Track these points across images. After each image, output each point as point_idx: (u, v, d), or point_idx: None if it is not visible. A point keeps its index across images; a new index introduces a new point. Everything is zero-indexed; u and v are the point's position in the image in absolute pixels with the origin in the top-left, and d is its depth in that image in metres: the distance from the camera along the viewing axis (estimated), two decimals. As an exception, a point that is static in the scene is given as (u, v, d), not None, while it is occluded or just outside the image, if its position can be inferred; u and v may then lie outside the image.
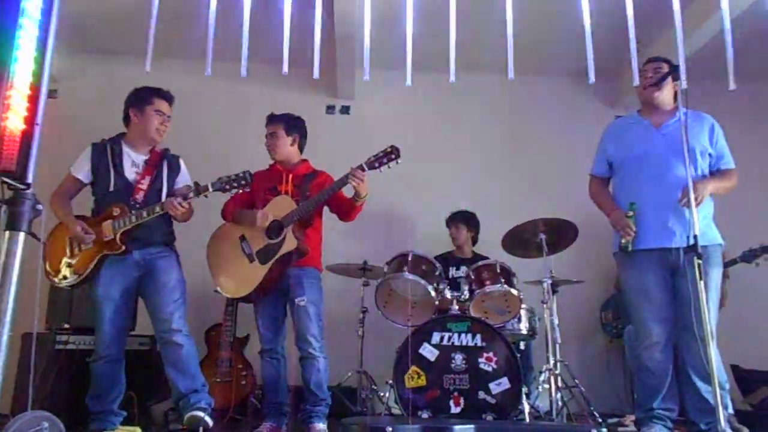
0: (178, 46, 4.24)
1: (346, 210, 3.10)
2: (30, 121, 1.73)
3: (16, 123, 1.71)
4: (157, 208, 2.82)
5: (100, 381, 2.81)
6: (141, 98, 3.08)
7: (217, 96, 4.89)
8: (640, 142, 2.99)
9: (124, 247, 2.83)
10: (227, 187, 2.84)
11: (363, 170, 2.89)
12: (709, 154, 2.90)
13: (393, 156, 2.90)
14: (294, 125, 3.23)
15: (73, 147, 4.30)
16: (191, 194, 2.85)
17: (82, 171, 3.00)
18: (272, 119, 3.24)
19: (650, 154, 2.93)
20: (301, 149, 3.28)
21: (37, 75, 1.77)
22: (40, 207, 1.74)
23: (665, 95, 2.95)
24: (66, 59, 4.86)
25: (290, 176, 3.16)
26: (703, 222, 2.79)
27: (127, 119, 3.11)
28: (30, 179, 1.72)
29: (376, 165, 2.90)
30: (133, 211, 2.85)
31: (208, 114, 4.90)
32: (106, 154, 3.00)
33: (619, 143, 3.10)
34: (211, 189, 2.84)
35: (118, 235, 2.82)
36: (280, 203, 3.03)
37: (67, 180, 3.00)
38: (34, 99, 1.76)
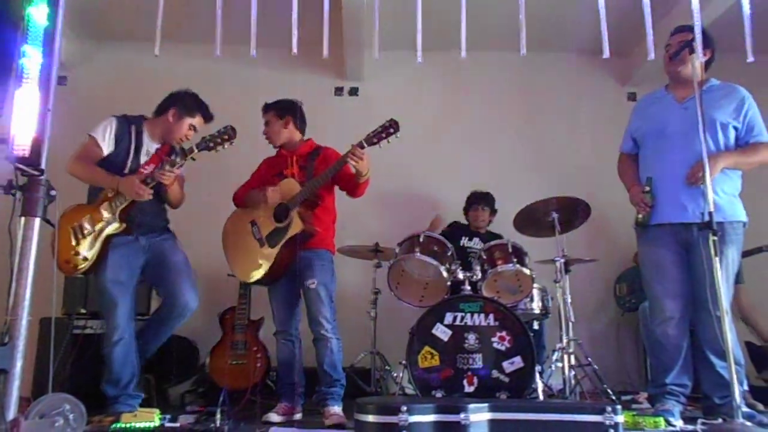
0: (187, 29, 4.22)
1: (352, 187, 3.09)
2: (41, 108, 1.73)
3: (28, 110, 1.72)
4: (148, 180, 2.82)
5: (115, 366, 2.81)
6: (187, 106, 3.10)
7: (226, 79, 4.87)
8: (660, 116, 2.95)
9: (125, 225, 2.83)
10: (212, 144, 2.86)
11: (362, 147, 2.87)
12: (735, 128, 2.82)
13: (392, 130, 2.86)
14: (284, 107, 3.22)
15: (84, 132, 4.34)
16: (178, 159, 2.86)
17: (105, 142, 2.92)
18: (264, 110, 3.25)
19: (668, 128, 2.90)
20: (300, 129, 3.25)
21: (47, 62, 1.77)
22: (53, 193, 1.75)
23: (689, 68, 2.74)
24: (76, 45, 4.87)
25: (294, 158, 3.16)
26: (724, 198, 2.77)
27: (162, 111, 3.09)
28: (43, 165, 1.73)
29: (375, 140, 2.87)
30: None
31: (217, 97, 4.84)
32: (130, 134, 2.98)
33: (642, 119, 3.07)
34: (196, 150, 2.86)
35: (117, 213, 2.83)
36: (286, 186, 3.03)
37: (90, 145, 2.91)
38: (45, 86, 1.76)
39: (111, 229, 2.83)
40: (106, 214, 2.83)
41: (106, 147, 2.92)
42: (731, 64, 2.95)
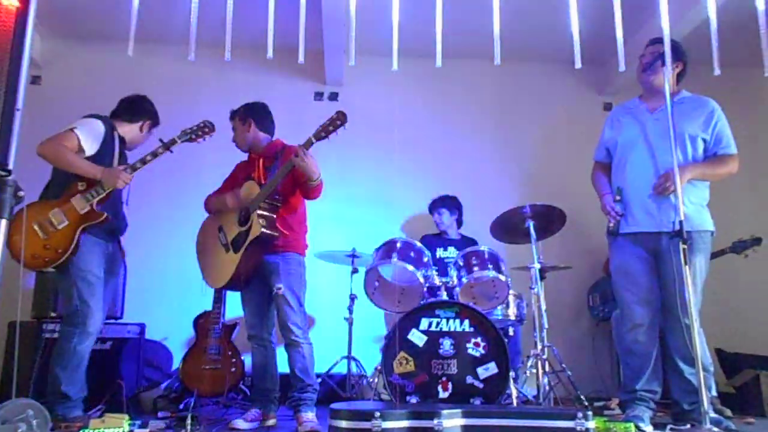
0: (162, 31, 4.19)
1: (304, 189, 3.01)
2: (10, 106, 1.70)
3: (-5, 109, 1.69)
4: (128, 170, 2.90)
5: (83, 364, 2.78)
6: (157, 121, 3.32)
7: (203, 83, 4.85)
8: (632, 127, 3.01)
9: (105, 215, 2.84)
10: (193, 136, 2.99)
11: (311, 144, 2.82)
12: (704, 140, 2.88)
13: (339, 122, 2.78)
14: (246, 111, 3.19)
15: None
16: (160, 149, 2.96)
17: (88, 144, 2.91)
18: (230, 118, 3.24)
19: (639, 139, 2.95)
20: (264, 130, 3.19)
21: (17, 60, 1.74)
22: (21, 194, 1.71)
23: (661, 79, 2.80)
24: (50, 44, 4.80)
25: (261, 160, 3.14)
26: (691, 207, 2.82)
27: (133, 119, 3.20)
28: (11, 165, 1.70)
29: (323, 134, 2.81)
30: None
31: (193, 100, 4.85)
32: (114, 140, 3.05)
33: (615, 128, 3.12)
34: (178, 141, 2.98)
35: (94, 205, 2.83)
36: (248, 189, 3.00)
37: (72, 139, 2.88)
38: (13, 84, 1.73)
39: (88, 220, 2.83)
40: (79, 206, 2.82)
41: (88, 149, 2.91)
42: (703, 76, 3.02)
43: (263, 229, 2.84)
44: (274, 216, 2.95)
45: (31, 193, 1.88)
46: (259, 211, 2.89)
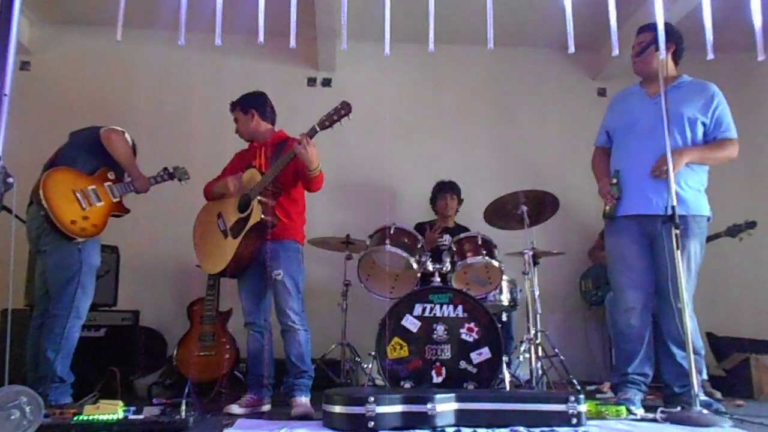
0: (151, 16, 4.12)
1: (305, 181, 3.04)
2: (-4, 91, 1.68)
3: (-17, 94, 1.67)
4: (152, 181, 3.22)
5: (74, 348, 2.83)
6: None
7: (194, 69, 4.81)
8: (632, 111, 3.02)
9: (129, 210, 3.09)
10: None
11: (315, 132, 2.84)
12: (703, 123, 2.88)
13: (344, 112, 2.83)
14: (247, 101, 3.21)
15: (48, 119, 4.26)
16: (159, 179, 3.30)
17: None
18: (230, 109, 3.25)
19: (637, 123, 2.95)
20: (267, 120, 3.22)
21: (3, 44, 1.71)
22: (11, 180, 1.70)
23: (655, 66, 2.82)
24: (40, 30, 4.75)
25: (263, 149, 3.15)
26: (689, 192, 2.83)
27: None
28: (0, 152, 1.68)
29: (327, 124, 2.85)
30: (126, 180, 3.12)
31: (184, 86, 4.82)
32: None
33: (615, 113, 3.14)
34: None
35: (123, 198, 3.06)
36: (248, 176, 3.02)
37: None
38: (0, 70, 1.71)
39: (117, 209, 3.04)
40: (112, 193, 3.02)
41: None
42: (695, 61, 3.02)
43: (263, 216, 2.86)
44: (275, 203, 2.96)
45: (20, 180, 1.86)
46: (260, 198, 2.90)
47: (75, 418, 2.13)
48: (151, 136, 4.08)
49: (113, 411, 2.21)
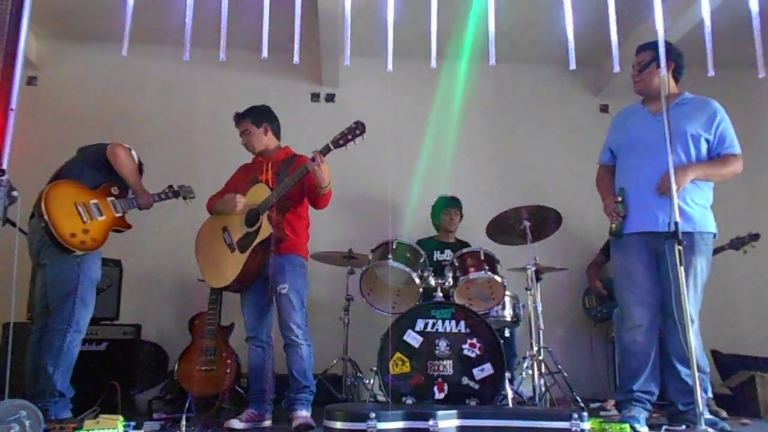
0: (157, 32, 4.18)
1: (314, 197, 3.08)
2: (3, 106, 1.70)
3: (-11, 108, 1.69)
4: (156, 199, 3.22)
5: (73, 362, 2.83)
6: None
7: (198, 84, 4.85)
8: (635, 129, 3.02)
9: (131, 226, 3.09)
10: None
11: (329, 150, 2.87)
12: (706, 140, 2.88)
13: (358, 131, 2.87)
14: (260, 115, 3.23)
15: (54, 134, 4.29)
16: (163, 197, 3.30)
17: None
18: (238, 118, 3.24)
19: (642, 140, 2.95)
20: (276, 135, 3.26)
21: (10, 59, 1.74)
22: (15, 193, 1.71)
23: (656, 84, 2.86)
24: (47, 46, 4.80)
25: (269, 164, 3.16)
26: (695, 208, 2.83)
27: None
28: (5, 165, 1.70)
29: (342, 142, 2.88)
30: (130, 196, 3.13)
31: (188, 101, 4.86)
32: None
33: (619, 131, 3.14)
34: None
35: (125, 214, 3.07)
36: (257, 191, 3.04)
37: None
38: (7, 84, 1.73)
39: (119, 225, 3.04)
40: (114, 208, 3.02)
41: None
42: (695, 79, 3.04)
43: (273, 231, 2.87)
44: (282, 219, 2.99)
45: (25, 194, 1.88)
46: (270, 213, 2.91)
47: (74, 433, 2.12)
48: (156, 150, 4.10)
49: (113, 426, 2.21)
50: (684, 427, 2.53)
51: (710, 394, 3.01)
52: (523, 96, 5.17)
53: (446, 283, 3.37)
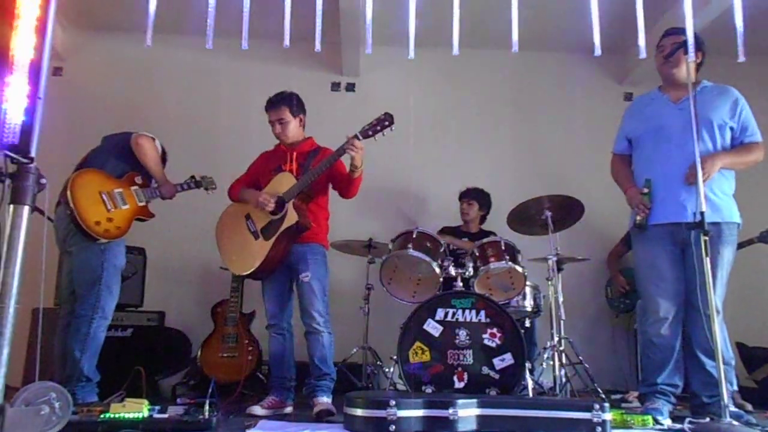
0: (180, 21, 4.21)
1: (345, 184, 3.09)
2: (32, 95, 1.73)
3: (18, 97, 1.72)
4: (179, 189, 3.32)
5: (100, 348, 2.89)
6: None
7: (221, 72, 4.90)
8: (656, 117, 2.95)
9: (154, 215, 3.13)
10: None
11: (358, 140, 2.88)
12: (731, 128, 2.83)
13: (387, 123, 2.87)
14: (297, 105, 3.21)
15: (81, 123, 4.35)
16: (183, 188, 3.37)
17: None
18: (274, 105, 3.16)
19: (665, 129, 2.89)
20: (303, 126, 3.27)
21: (38, 49, 1.76)
22: (43, 181, 1.75)
23: (683, 70, 2.80)
24: (72, 36, 4.86)
25: (294, 154, 3.16)
26: (723, 198, 2.78)
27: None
28: (33, 153, 1.73)
29: (370, 133, 2.89)
30: (153, 186, 3.17)
31: (210, 90, 4.90)
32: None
33: (637, 119, 3.06)
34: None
35: (149, 203, 3.11)
36: (282, 180, 3.05)
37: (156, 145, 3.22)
38: (35, 73, 1.76)
39: (142, 214, 3.09)
40: (138, 198, 3.07)
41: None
42: (722, 67, 2.97)
43: (300, 219, 2.91)
44: (307, 208, 3.00)
45: (52, 183, 1.92)
46: (294, 201, 2.94)
47: (102, 416, 2.17)
48: (179, 139, 4.14)
49: (139, 410, 2.24)
50: (708, 419, 2.49)
51: (735, 387, 2.95)
52: (545, 84, 5.11)
53: (466, 273, 3.36)
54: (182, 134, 4.48)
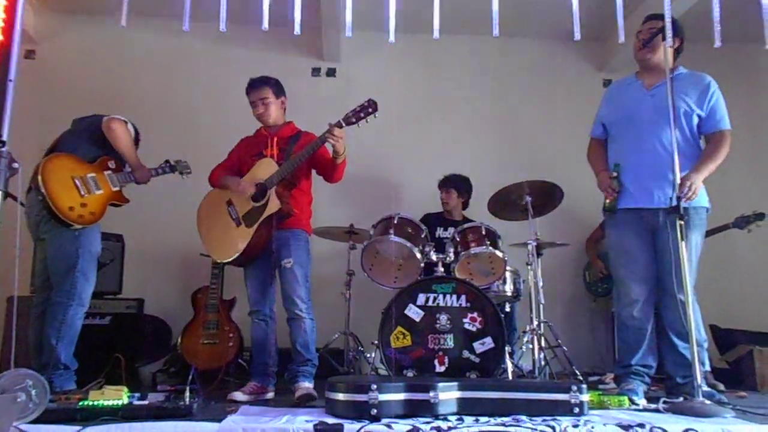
0: (156, 4, 4.12)
1: (330, 170, 3.08)
2: (1, 77, 1.68)
3: (-12, 80, 1.68)
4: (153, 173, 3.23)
5: (77, 335, 2.86)
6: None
7: (198, 57, 4.81)
8: (629, 103, 2.99)
9: (128, 200, 3.09)
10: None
11: (340, 126, 2.86)
12: (698, 116, 2.87)
13: (370, 110, 2.85)
14: (279, 87, 3.20)
15: (55, 107, 4.26)
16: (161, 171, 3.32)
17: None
18: (257, 85, 3.14)
19: (636, 115, 2.93)
20: (284, 110, 3.24)
21: (7, 31, 1.72)
22: (16, 165, 1.71)
23: (659, 56, 2.86)
24: (45, 19, 4.74)
25: (275, 140, 3.14)
26: None
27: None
28: (5, 136, 1.69)
29: (354, 120, 2.87)
30: (127, 170, 3.10)
31: (188, 75, 4.82)
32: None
33: (612, 105, 3.11)
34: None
35: (122, 188, 3.07)
36: (263, 165, 3.03)
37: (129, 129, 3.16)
38: (5, 56, 1.71)
39: (116, 199, 3.04)
40: (111, 182, 3.02)
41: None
42: (700, 53, 2.99)
43: (282, 206, 2.89)
44: (290, 194, 2.98)
45: (24, 169, 1.88)
46: (277, 188, 2.91)
47: (80, 403, 2.15)
48: (156, 123, 4.07)
49: (118, 396, 2.23)
50: (682, 399, 2.55)
51: (708, 368, 3.04)
52: (526, 70, 5.12)
53: (447, 258, 3.38)
54: (159, 119, 4.40)
